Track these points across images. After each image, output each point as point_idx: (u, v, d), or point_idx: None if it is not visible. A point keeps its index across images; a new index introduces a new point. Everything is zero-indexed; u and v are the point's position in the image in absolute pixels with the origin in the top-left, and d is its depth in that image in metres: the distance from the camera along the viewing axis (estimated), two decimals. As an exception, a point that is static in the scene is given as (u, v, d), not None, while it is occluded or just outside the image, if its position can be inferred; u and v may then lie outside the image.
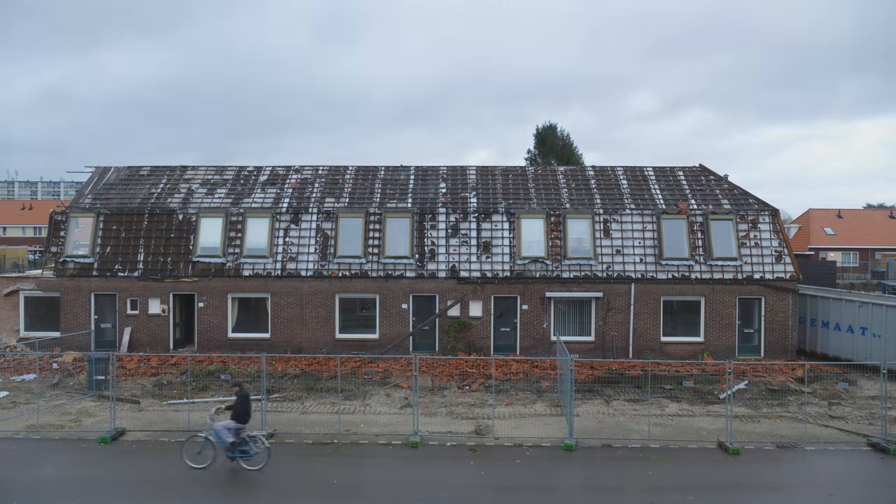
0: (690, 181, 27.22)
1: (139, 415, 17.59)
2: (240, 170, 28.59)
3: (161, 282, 25.25)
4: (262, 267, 25.23)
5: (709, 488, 12.98)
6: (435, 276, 24.88)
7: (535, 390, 20.01)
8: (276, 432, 15.89)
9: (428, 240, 25.46)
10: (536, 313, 24.81)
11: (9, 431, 16.18)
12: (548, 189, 26.98)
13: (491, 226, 25.62)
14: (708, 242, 24.93)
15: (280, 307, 25.11)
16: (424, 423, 16.51)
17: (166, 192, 27.19)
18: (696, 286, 24.63)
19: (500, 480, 13.22)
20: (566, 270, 24.78)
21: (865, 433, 16.04)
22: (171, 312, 25.50)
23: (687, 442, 15.50)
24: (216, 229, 25.77)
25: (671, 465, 14.06)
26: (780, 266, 24.73)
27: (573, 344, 23.78)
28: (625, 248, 25.07)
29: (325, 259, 25.27)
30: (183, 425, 16.36)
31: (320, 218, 25.90)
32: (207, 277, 25.21)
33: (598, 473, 13.79)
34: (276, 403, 18.51)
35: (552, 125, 59.61)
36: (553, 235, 25.30)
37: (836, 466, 14.35)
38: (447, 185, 27.39)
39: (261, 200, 26.61)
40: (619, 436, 15.91)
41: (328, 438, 15.60)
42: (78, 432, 16.15)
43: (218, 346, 25.10)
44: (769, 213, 25.49)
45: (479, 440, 15.55)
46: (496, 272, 24.87)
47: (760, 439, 15.68)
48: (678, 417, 17.56)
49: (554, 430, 16.10)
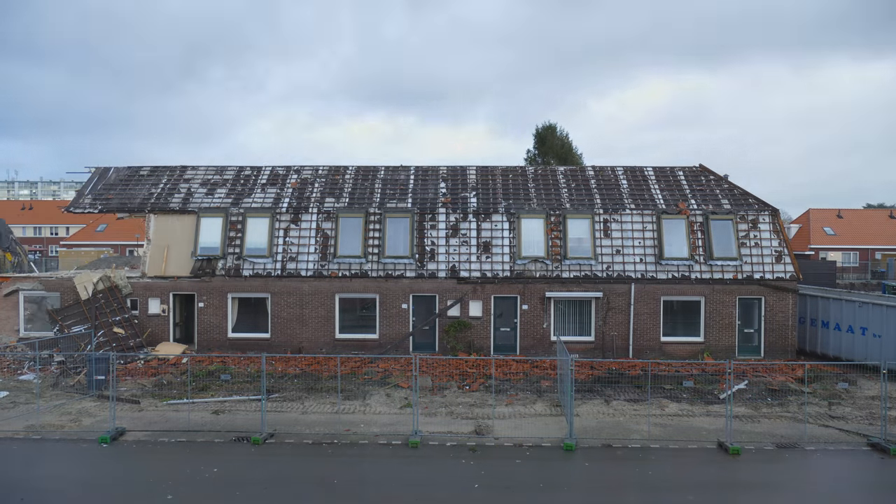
0: (690, 181, 27.21)
1: (139, 415, 17.58)
2: (240, 170, 28.59)
3: (161, 281, 25.24)
4: (262, 267, 25.23)
5: (709, 488, 12.98)
6: (435, 276, 24.88)
7: (535, 390, 20.01)
8: (276, 432, 15.89)
9: (428, 240, 25.46)
10: (536, 313, 24.81)
11: (9, 431, 16.17)
12: (548, 189, 26.97)
13: (491, 226, 25.62)
14: (708, 242, 24.93)
15: (280, 307, 25.10)
16: (424, 423, 16.51)
17: (166, 192, 27.18)
18: (696, 286, 24.63)
19: (500, 480, 13.22)
20: (566, 270, 24.78)
21: (865, 433, 16.03)
22: (171, 312, 25.51)
23: (687, 442, 15.50)
24: (216, 229, 25.77)
25: (671, 466, 14.06)
26: (780, 266, 24.72)
27: (573, 344, 23.79)
28: (625, 248, 25.07)
29: (325, 259, 25.27)
30: (183, 425, 16.37)
31: (320, 218, 25.90)
32: (207, 277, 25.21)
33: (598, 473, 13.78)
34: (276, 403, 18.50)
35: (552, 125, 59.65)
36: (553, 235, 25.30)
37: (836, 466, 14.35)
38: (447, 185, 27.39)
39: (261, 200, 26.61)
40: (619, 436, 15.90)
41: (328, 438, 15.60)
42: (78, 432, 16.14)
43: (218, 346, 25.10)
44: (769, 212, 25.49)
45: (479, 440, 15.54)
46: (496, 272, 24.87)
47: (760, 439, 15.68)
48: (678, 417, 17.56)
49: (554, 430, 16.10)
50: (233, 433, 15.89)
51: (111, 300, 24.97)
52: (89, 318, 24.53)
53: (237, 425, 16.50)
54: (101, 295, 24.90)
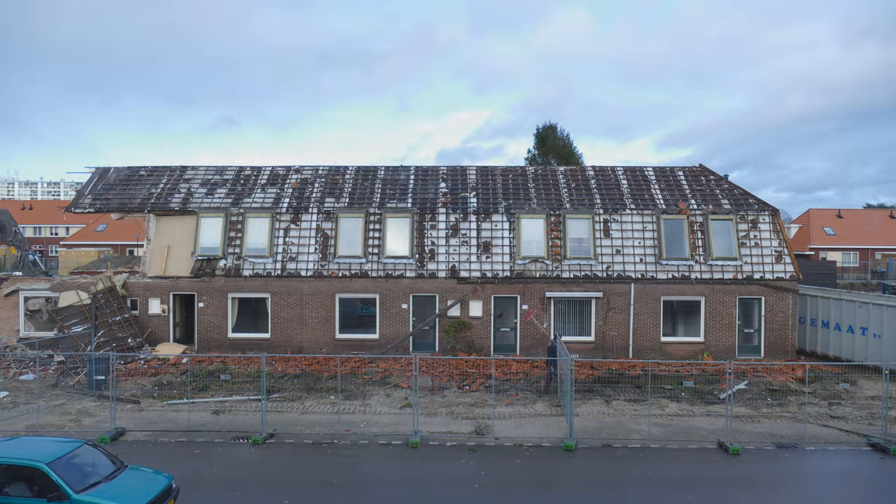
0: (690, 181, 27.21)
1: (139, 415, 17.59)
2: (240, 170, 28.59)
3: (161, 281, 25.24)
4: (262, 267, 25.23)
5: (709, 488, 12.97)
6: (435, 276, 24.88)
7: (535, 390, 20.01)
8: (276, 432, 15.89)
9: (428, 240, 25.45)
10: (536, 313, 24.80)
11: (9, 431, 16.15)
12: (548, 189, 26.97)
13: (491, 226, 25.61)
14: (708, 242, 24.93)
15: (280, 307, 25.10)
16: (424, 423, 16.51)
17: (166, 192, 27.18)
18: (696, 286, 24.62)
19: (500, 480, 13.22)
20: (566, 270, 24.77)
21: (865, 433, 16.04)
22: (171, 312, 25.50)
23: (687, 442, 15.50)
24: (216, 229, 25.77)
25: (671, 466, 14.06)
26: (780, 266, 24.72)
27: (573, 344, 23.78)
28: (625, 248, 25.07)
29: (325, 259, 25.27)
30: (183, 425, 16.37)
31: (320, 218, 25.90)
32: (207, 277, 25.21)
33: (598, 473, 13.78)
34: (276, 403, 18.50)
35: (552, 125, 59.63)
36: (553, 235, 25.30)
37: (837, 466, 14.35)
38: (447, 185, 27.38)
39: (261, 200, 26.61)
40: (619, 436, 15.90)
41: (328, 438, 15.60)
42: (78, 432, 16.13)
43: (218, 346, 25.10)
44: (769, 212, 25.48)
45: (479, 440, 15.54)
46: (496, 272, 24.86)
47: (760, 439, 15.68)
48: (678, 417, 17.56)
49: (554, 431, 16.09)
50: (233, 433, 15.90)
51: (111, 300, 24.96)
52: (89, 318, 24.53)
53: (237, 425, 16.51)
54: (101, 295, 24.89)
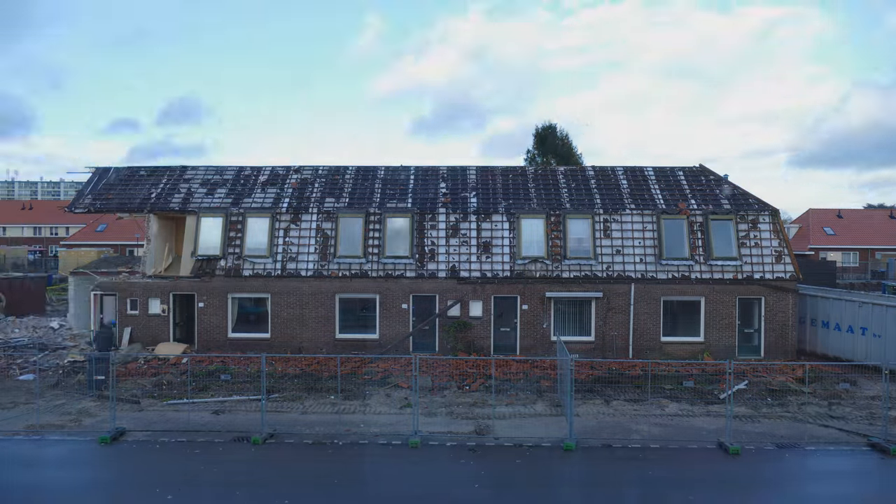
0: (690, 181, 27.21)
1: (139, 415, 17.59)
2: (240, 170, 28.58)
3: (161, 281, 25.24)
4: (262, 267, 25.22)
5: (709, 488, 12.97)
6: (435, 276, 24.87)
7: (535, 390, 20.01)
8: (276, 432, 15.89)
9: (428, 240, 25.45)
10: (536, 313, 24.80)
11: (9, 431, 16.17)
12: (548, 189, 26.97)
13: (491, 226, 25.61)
14: (708, 242, 24.92)
15: (280, 307, 25.10)
16: (424, 423, 16.50)
17: (166, 193, 27.17)
18: (696, 286, 24.62)
19: (500, 480, 13.22)
20: (566, 270, 24.77)
21: (865, 433, 16.03)
22: (171, 312, 25.50)
23: (687, 442, 15.49)
24: (216, 229, 25.76)
25: (671, 466, 14.06)
26: (780, 266, 24.72)
27: (573, 344, 23.77)
28: (625, 248, 25.06)
29: (325, 259, 25.26)
30: (183, 425, 16.37)
31: (320, 218, 25.90)
32: (207, 277, 25.20)
33: (598, 474, 13.79)
34: (276, 403, 18.49)
35: (552, 125, 59.58)
36: (553, 235, 25.30)
37: (836, 466, 14.35)
38: (447, 185, 27.38)
39: (261, 200, 26.60)
40: (619, 436, 15.90)
41: (328, 438, 15.59)
42: (78, 432, 16.14)
43: (218, 346, 25.09)
44: (769, 213, 25.48)
45: (479, 440, 15.54)
46: (496, 272, 24.86)
47: (761, 439, 15.68)
48: (678, 417, 17.56)
49: (554, 430, 16.09)
50: (233, 433, 15.89)
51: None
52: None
53: (237, 425, 16.50)
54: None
